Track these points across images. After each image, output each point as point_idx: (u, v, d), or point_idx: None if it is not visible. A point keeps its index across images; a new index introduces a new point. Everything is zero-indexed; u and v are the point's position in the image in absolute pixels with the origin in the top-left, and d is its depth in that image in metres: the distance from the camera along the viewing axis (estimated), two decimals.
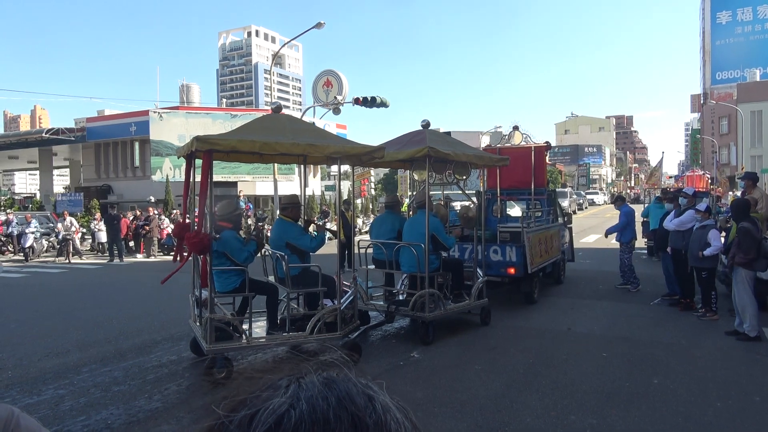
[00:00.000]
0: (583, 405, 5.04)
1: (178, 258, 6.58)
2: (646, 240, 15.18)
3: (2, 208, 26.13)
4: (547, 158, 11.63)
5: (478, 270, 8.27)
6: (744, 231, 7.07)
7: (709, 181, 21.95)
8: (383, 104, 21.25)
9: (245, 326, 6.07)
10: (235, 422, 0.47)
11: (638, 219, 13.11)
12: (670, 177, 72.44)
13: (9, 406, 0.87)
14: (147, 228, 19.28)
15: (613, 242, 11.46)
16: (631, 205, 11.83)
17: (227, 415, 0.48)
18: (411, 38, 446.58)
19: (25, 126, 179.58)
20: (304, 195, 8.00)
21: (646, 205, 17.84)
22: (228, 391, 0.52)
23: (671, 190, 14.93)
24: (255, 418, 0.47)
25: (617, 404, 5.08)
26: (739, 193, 13.57)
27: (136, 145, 31.23)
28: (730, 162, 48.07)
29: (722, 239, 8.30)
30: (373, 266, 8.36)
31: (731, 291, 7.62)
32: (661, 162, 22.44)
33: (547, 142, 11.61)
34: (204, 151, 5.67)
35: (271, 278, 7.09)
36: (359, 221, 26.47)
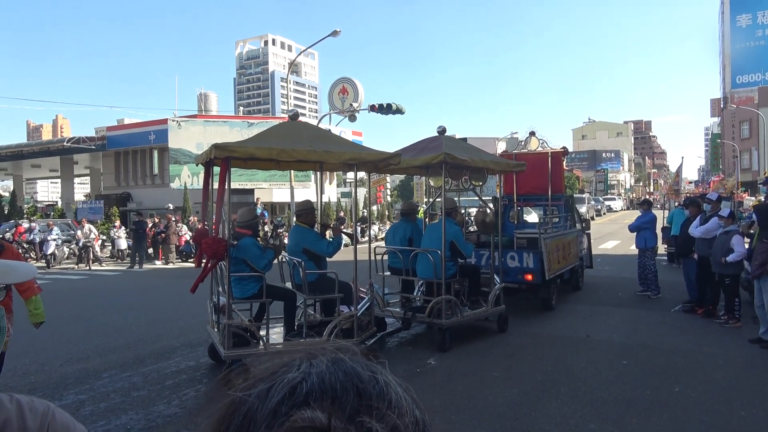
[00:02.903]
0: (603, 413, 4.97)
1: (201, 264, 6.63)
2: (666, 246, 14.95)
3: (25, 215, 26.62)
4: (564, 164, 11.55)
5: (495, 276, 8.21)
6: None
7: (734, 186, 21.63)
8: (399, 111, 21.31)
9: (262, 332, 6.10)
10: (254, 394, 0.54)
11: (659, 224, 12.93)
12: (690, 182, 71.40)
13: (46, 401, 0.90)
14: (164, 235, 19.50)
15: (632, 248, 11.30)
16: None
17: (246, 393, 0.55)
18: (427, 45, 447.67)
19: (47, 135, 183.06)
20: (320, 201, 8.04)
21: (668, 211, 17.58)
22: (247, 374, 0.59)
23: (691, 195, 14.70)
24: (271, 390, 0.53)
25: (638, 412, 5.00)
26: (762, 198, 13.32)
27: (155, 153, 31.63)
28: (751, 167, 47.26)
29: (746, 245, 8.15)
30: (389, 273, 8.36)
31: (754, 298, 7.47)
32: (680, 168, 22.08)
33: (564, 148, 11.52)
34: (222, 158, 5.74)
35: (288, 284, 7.13)
36: (375, 228, 26.48)
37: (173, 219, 20.22)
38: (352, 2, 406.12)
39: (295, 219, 7.29)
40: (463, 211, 9.76)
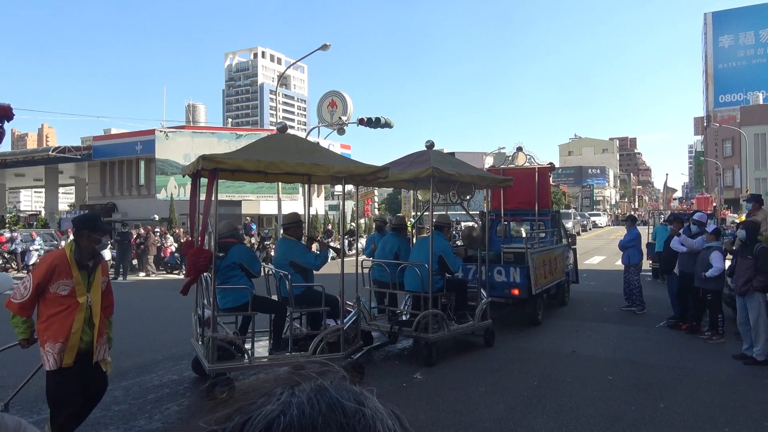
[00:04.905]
0: (589, 429, 4.96)
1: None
2: (651, 262, 15.08)
3: (7, 225, 26.24)
4: (550, 179, 11.65)
5: (482, 290, 8.22)
6: (765, 252, 6.93)
7: (717, 203, 21.99)
8: (387, 125, 21.41)
9: (247, 345, 6.03)
10: (228, 429, 0.49)
11: (644, 241, 13.05)
12: (674, 199, 72.41)
13: (17, 418, 0.87)
14: (143, 246, 19.30)
15: (617, 264, 11.39)
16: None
17: (221, 427, 0.50)
18: (416, 59, 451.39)
19: (32, 144, 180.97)
20: (308, 214, 8.02)
21: (652, 227, 17.78)
22: (226, 401, 0.54)
23: (677, 212, 14.88)
24: (247, 424, 0.49)
25: (623, 429, 4.99)
26: (743, 217, 13.51)
27: (142, 164, 31.43)
28: (734, 184, 48.05)
29: (727, 261, 8.23)
30: (375, 286, 8.33)
31: (737, 314, 7.54)
32: (665, 184, 22.46)
33: (551, 163, 11.64)
34: (209, 169, 5.70)
35: (274, 297, 7.07)
36: (362, 241, 26.42)
37: (152, 230, 20.03)
38: (342, 16, 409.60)
39: (282, 232, 7.25)
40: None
